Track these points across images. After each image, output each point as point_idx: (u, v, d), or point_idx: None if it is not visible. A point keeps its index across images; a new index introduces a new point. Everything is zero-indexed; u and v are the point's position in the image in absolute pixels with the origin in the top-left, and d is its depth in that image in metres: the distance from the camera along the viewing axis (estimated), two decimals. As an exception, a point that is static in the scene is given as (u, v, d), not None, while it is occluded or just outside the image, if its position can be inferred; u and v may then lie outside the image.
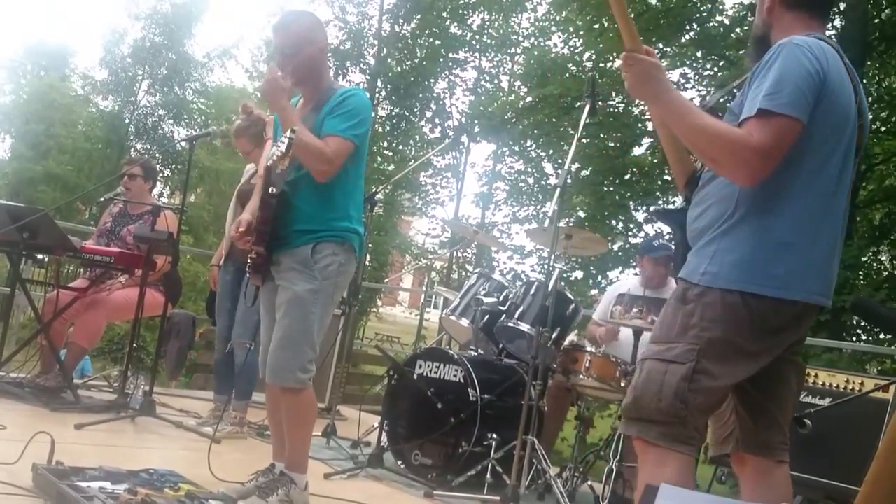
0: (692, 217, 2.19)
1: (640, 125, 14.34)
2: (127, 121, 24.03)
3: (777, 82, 1.96)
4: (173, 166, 24.04)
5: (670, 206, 2.42)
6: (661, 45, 13.73)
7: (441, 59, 21.23)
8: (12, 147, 24.73)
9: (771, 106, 1.94)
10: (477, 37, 21.52)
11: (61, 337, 4.80)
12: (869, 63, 11.41)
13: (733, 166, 2.00)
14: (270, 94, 2.81)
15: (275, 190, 2.83)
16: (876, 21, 11.56)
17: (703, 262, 2.07)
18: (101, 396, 4.75)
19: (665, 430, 2.01)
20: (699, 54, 13.45)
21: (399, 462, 4.14)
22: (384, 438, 4.22)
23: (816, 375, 3.91)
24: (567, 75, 15.13)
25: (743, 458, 2.22)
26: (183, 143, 22.21)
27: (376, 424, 4.41)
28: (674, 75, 14.06)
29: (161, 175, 24.10)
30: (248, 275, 3.04)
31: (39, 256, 4.61)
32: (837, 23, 11.89)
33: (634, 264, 9.37)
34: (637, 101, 14.26)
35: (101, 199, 5.22)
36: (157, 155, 23.45)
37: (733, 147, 1.97)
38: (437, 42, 21.19)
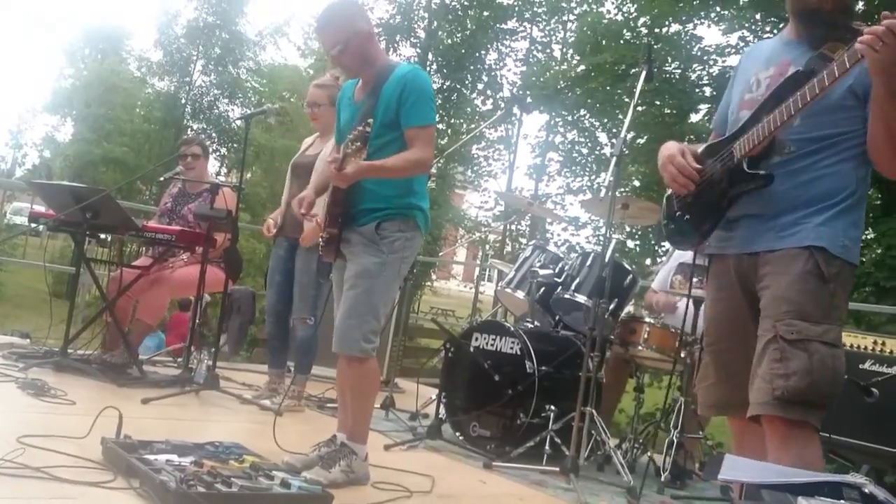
0: (790, 182, 2.21)
1: (697, 91, 14.02)
2: (183, 101, 24.34)
3: None
4: (229, 145, 24.32)
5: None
6: (718, 9, 13.37)
7: (490, 31, 21.01)
8: (74, 130, 25.31)
9: None
10: (527, 6, 21.21)
11: (126, 314, 4.92)
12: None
13: None
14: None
15: None
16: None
17: (839, 235, 2.15)
18: (165, 372, 4.86)
19: (822, 413, 2.09)
20: (758, 16, 13.05)
21: (457, 434, 4.16)
22: (442, 410, 4.24)
23: (884, 343, 3.81)
24: (621, 42, 14.83)
25: (743, 422, 2.26)
26: (239, 122, 22.46)
27: (434, 396, 4.43)
28: (732, 38, 13.70)
29: (217, 154, 24.49)
30: (320, 253, 3.09)
31: (103, 236, 4.71)
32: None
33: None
34: (695, 65, 14.00)
35: (162, 178, 5.32)
36: (214, 134, 23.77)
37: None
38: (487, 13, 20.96)
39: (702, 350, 2.44)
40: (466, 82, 21.52)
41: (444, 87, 21.44)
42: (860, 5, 10.39)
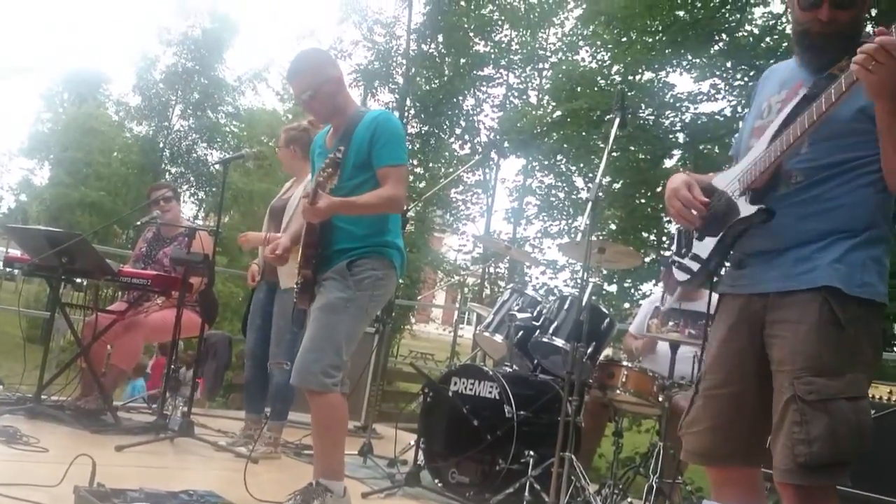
0: (800, 214, 2.03)
1: (670, 137, 14.23)
2: (161, 145, 24.39)
3: None
4: (207, 188, 24.34)
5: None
6: (689, 56, 13.64)
7: (467, 78, 21.30)
8: (51, 174, 25.23)
9: None
10: (504, 53, 21.57)
11: (101, 359, 4.87)
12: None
13: None
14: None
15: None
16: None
17: (856, 271, 1.96)
18: (140, 418, 4.79)
19: (848, 469, 1.94)
20: (729, 64, 13.34)
21: (436, 480, 4.12)
22: (421, 456, 4.21)
23: (859, 387, 3.83)
24: (596, 89, 15.07)
25: (750, 473, 2.15)
26: (216, 166, 22.51)
27: (413, 442, 4.39)
28: (704, 86, 13.96)
29: (195, 198, 24.48)
30: (294, 299, 3.08)
31: (78, 280, 4.68)
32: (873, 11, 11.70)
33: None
34: (668, 112, 14.24)
35: (139, 222, 5.31)
36: (192, 178, 23.77)
37: None
38: (464, 60, 21.27)
39: (696, 393, 2.25)
40: (444, 127, 21.73)
41: (423, 131, 21.65)
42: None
